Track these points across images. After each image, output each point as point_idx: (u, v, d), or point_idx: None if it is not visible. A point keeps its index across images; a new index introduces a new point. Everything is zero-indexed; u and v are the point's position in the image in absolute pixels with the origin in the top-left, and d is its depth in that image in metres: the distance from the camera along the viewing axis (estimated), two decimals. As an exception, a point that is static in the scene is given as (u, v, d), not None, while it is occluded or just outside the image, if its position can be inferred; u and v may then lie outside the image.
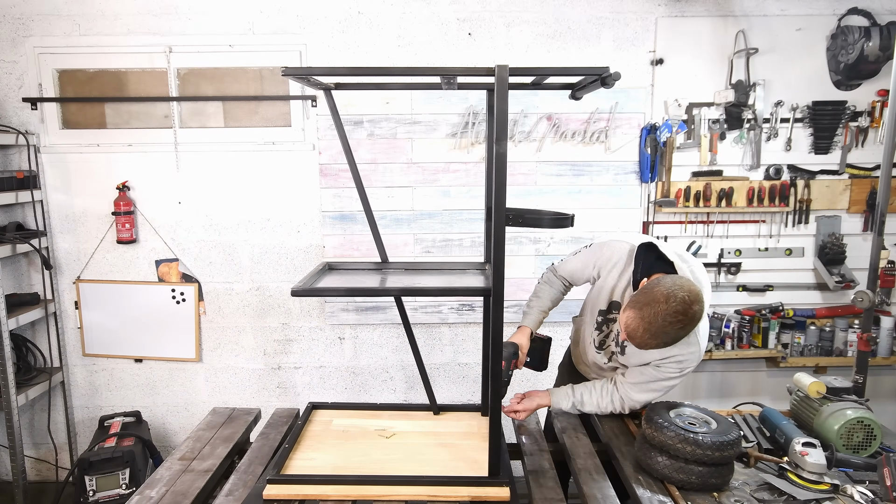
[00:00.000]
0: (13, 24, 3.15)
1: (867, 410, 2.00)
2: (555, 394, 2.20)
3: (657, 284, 1.75)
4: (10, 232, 3.14)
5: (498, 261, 1.62)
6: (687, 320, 1.69)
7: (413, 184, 3.32)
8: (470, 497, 1.73)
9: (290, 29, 3.19)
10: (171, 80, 3.21)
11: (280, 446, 2.13)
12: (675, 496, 1.75)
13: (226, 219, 3.36)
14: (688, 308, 1.68)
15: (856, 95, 3.27)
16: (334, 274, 2.16)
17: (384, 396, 3.55)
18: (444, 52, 3.23)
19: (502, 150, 1.56)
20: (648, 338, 1.73)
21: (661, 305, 1.68)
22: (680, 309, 1.68)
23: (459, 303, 3.44)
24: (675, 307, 1.68)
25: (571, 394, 2.18)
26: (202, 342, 3.47)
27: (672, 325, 1.69)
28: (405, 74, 2.14)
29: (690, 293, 1.70)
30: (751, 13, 3.21)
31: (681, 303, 1.68)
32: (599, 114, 3.26)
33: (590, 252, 2.16)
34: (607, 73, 1.61)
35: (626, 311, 1.77)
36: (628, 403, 2.11)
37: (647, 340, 1.74)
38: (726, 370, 3.55)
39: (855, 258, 3.33)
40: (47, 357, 3.42)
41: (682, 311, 1.68)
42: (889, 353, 3.34)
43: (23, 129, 3.19)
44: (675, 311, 1.68)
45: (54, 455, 3.50)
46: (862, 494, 1.73)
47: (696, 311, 1.70)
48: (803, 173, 3.34)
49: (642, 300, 1.74)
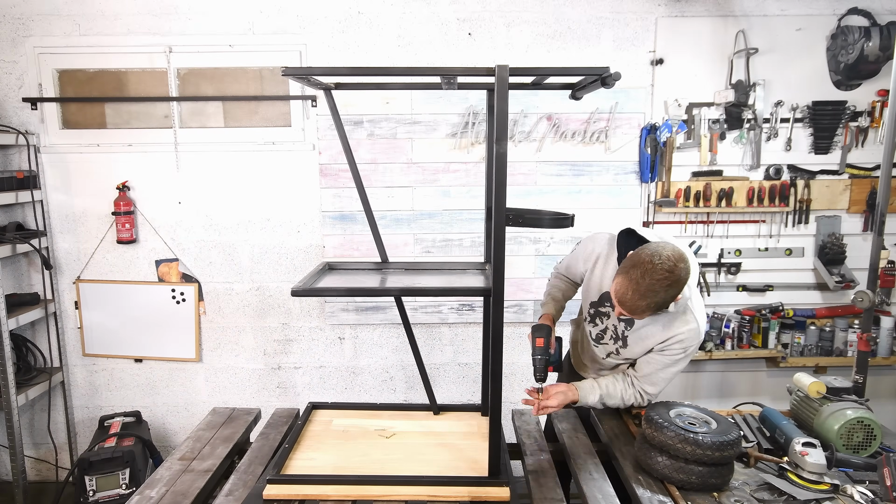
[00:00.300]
0: (13, 24, 3.15)
1: (867, 410, 2.00)
2: (581, 388, 2.08)
3: (641, 250, 1.81)
4: (10, 232, 3.14)
5: (498, 261, 1.62)
6: (674, 278, 1.74)
7: (413, 184, 3.32)
8: (470, 497, 1.73)
9: (290, 29, 3.19)
10: (171, 80, 3.21)
11: (280, 446, 2.13)
12: (675, 496, 1.75)
13: (226, 219, 3.36)
14: (673, 266, 1.74)
15: (856, 95, 3.27)
16: (334, 274, 2.16)
17: (384, 396, 3.55)
18: (444, 52, 3.23)
19: (502, 150, 1.56)
20: (638, 298, 1.76)
21: (646, 266, 1.74)
22: (666, 266, 1.73)
23: (459, 303, 3.44)
24: (661, 264, 1.73)
25: (598, 387, 2.09)
26: (202, 342, 3.47)
27: (660, 283, 1.73)
28: (405, 74, 2.14)
29: (674, 252, 1.77)
30: (751, 13, 3.21)
31: (666, 260, 1.74)
32: (599, 114, 3.26)
33: (578, 248, 2.22)
34: (607, 73, 1.61)
35: (616, 279, 1.82)
36: (646, 397, 2.09)
37: (636, 302, 1.77)
38: (726, 370, 3.55)
39: (855, 258, 3.33)
40: (47, 357, 3.42)
41: (669, 268, 1.73)
42: (889, 353, 3.34)
43: (23, 129, 3.19)
44: (662, 268, 1.73)
45: (54, 455, 3.50)
46: (862, 494, 1.73)
47: (682, 268, 1.76)
48: (803, 173, 3.34)
49: (628, 264, 1.80)
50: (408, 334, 2.22)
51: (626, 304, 1.80)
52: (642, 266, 1.75)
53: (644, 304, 1.77)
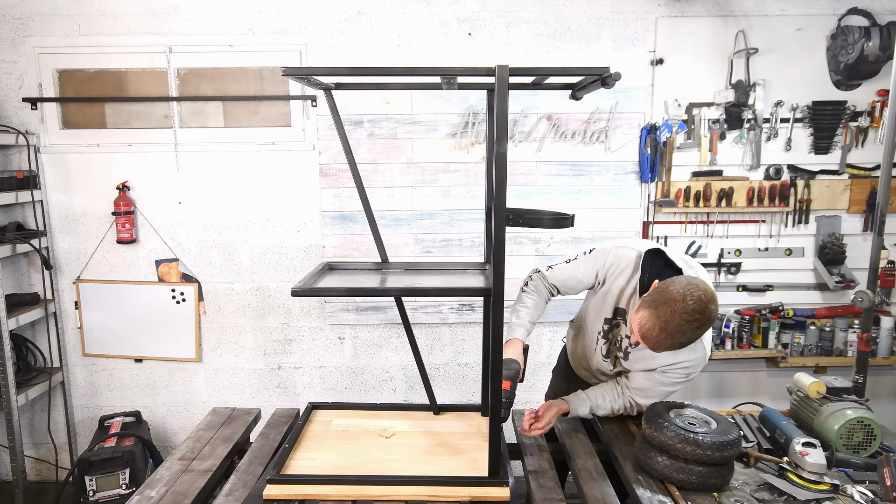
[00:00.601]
0: (13, 24, 3.15)
1: (867, 410, 2.00)
2: (572, 401, 2.13)
3: (671, 284, 1.71)
4: (10, 232, 3.14)
5: (498, 261, 1.62)
6: (703, 319, 1.65)
7: (413, 184, 3.32)
8: (470, 497, 1.73)
9: (290, 29, 3.19)
10: (171, 80, 3.21)
11: (280, 446, 2.13)
12: (675, 496, 1.75)
13: (226, 219, 3.36)
14: (704, 307, 1.65)
15: (856, 95, 3.27)
16: (334, 274, 2.16)
17: (384, 396, 3.55)
18: (444, 52, 3.23)
19: (502, 150, 1.56)
20: (664, 338, 1.68)
21: (678, 304, 1.64)
22: (697, 308, 1.64)
23: (459, 303, 3.44)
24: (693, 306, 1.64)
25: (588, 399, 2.14)
26: (202, 342, 3.47)
27: (689, 325, 1.65)
28: (405, 74, 2.14)
29: (706, 292, 1.67)
30: (751, 13, 3.21)
31: (697, 301, 1.64)
32: (599, 114, 3.26)
33: (592, 259, 2.07)
34: (607, 74, 1.60)
35: (640, 311, 1.73)
36: (635, 407, 2.12)
37: (662, 340, 1.69)
38: (726, 370, 3.55)
39: (855, 258, 3.33)
40: (47, 357, 3.42)
41: (699, 309, 1.64)
42: (889, 353, 3.34)
43: (23, 129, 3.19)
44: (693, 309, 1.63)
45: (54, 455, 3.50)
46: (862, 494, 1.72)
47: (713, 310, 1.67)
48: (803, 173, 3.34)
49: (658, 299, 1.69)
50: (408, 334, 2.22)
51: (649, 339, 1.71)
52: (673, 304, 1.65)
53: (669, 343, 1.69)
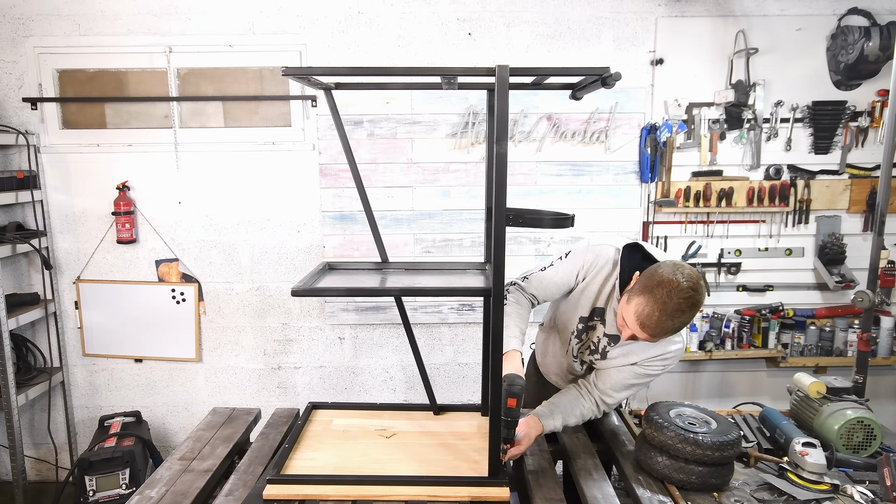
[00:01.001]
0: (13, 24, 3.15)
1: (867, 410, 2.00)
2: (542, 417, 2.01)
3: (658, 268, 1.71)
4: (10, 232, 3.14)
5: (498, 261, 1.62)
6: (697, 297, 1.66)
7: (413, 184, 3.32)
8: (470, 497, 1.73)
9: (290, 29, 3.19)
10: (171, 80, 3.21)
11: (280, 446, 2.13)
12: (675, 496, 1.75)
13: (226, 219, 3.36)
14: (696, 284, 1.66)
15: (856, 95, 3.28)
16: (334, 274, 2.15)
17: (384, 396, 3.55)
18: (444, 52, 3.23)
19: (502, 150, 1.56)
20: (665, 319, 1.65)
21: (672, 284, 1.64)
22: (690, 285, 1.64)
23: (459, 303, 3.44)
24: (686, 283, 1.64)
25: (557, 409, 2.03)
26: (202, 342, 3.47)
27: (686, 302, 1.64)
28: (405, 74, 2.13)
29: (693, 271, 1.69)
30: (751, 13, 3.21)
31: (689, 279, 1.65)
32: (599, 114, 3.26)
33: (570, 262, 2.02)
34: (607, 74, 1.60)
35: (634, 299, 1.71)
36: (602, 407, 2.03)
37: (663, 323, 1.66)
38: (726, 370, 3.55)
39: (855, 258, 3.33)
40: (47, 357, 3.42)
41: (693, 286, 1.65)
42: (889, 353, 3.34)
43: (23, 129, 3.19)
44: (687, 287, 1.64)
45: (54, 455, 3.50)
46: (862, 494, 1.73)
47: (703, 287, 1.69)
48: (803, 173, 3.34)
49: (650, 283, 1.68)
50: (408, 334, 2.22)
51: (649, 326, 1.68)
52: (667, 285, 1.64)
53: (671, 325, 1.67)
